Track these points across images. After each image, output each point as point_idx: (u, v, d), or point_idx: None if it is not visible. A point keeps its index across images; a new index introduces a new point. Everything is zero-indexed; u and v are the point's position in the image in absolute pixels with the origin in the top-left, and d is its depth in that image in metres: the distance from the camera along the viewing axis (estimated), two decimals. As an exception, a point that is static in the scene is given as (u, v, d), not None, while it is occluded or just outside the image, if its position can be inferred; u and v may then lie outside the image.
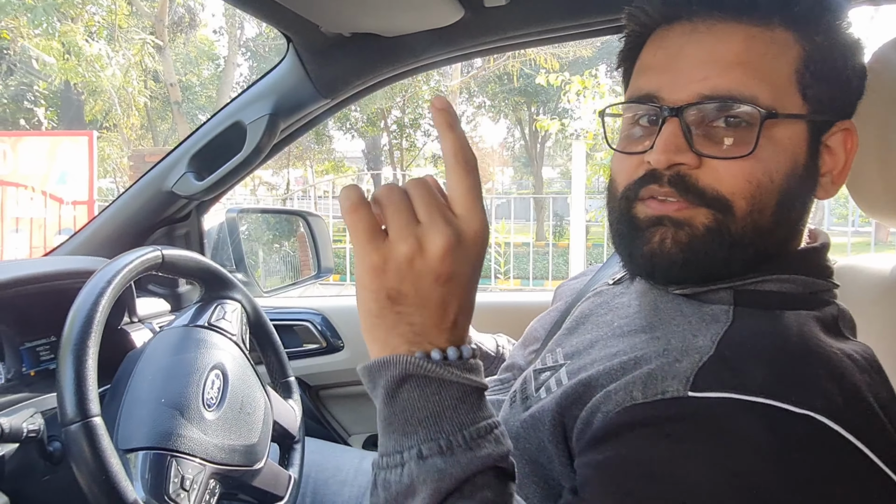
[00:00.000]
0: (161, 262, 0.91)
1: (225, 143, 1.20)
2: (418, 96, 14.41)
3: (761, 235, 0.56)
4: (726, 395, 0.47)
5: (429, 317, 0.46)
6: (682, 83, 0.56)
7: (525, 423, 0.61)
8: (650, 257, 0.58)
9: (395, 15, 0.99)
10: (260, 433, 0.94)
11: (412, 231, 0.45)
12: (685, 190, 0.56)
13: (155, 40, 9.73)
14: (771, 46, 0.55)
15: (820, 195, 0.59)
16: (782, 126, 0.55)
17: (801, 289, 0.58)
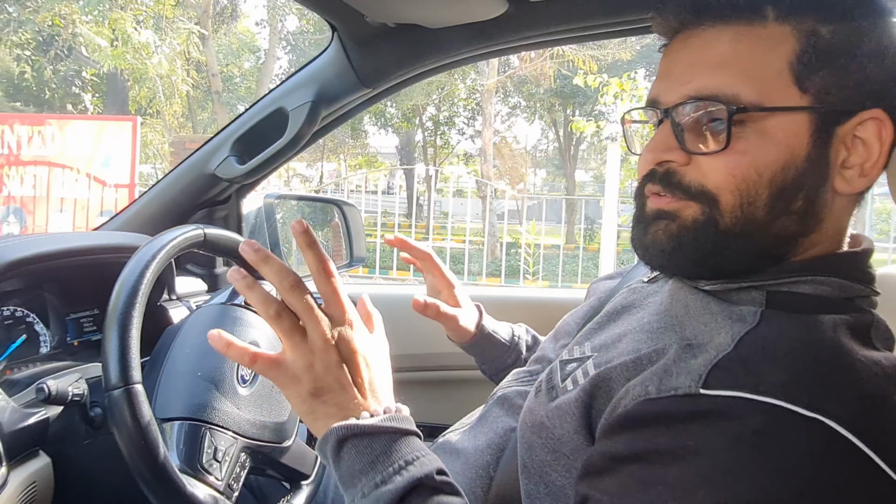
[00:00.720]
0: (203, 240, 0.93)
1: (267, 129, 1.23)
2: (454, 94, 14.43)
3: (757, 227, 0.57)
4: (737, 394, 0.47)
5: (349, 396, 0.58)
6: (674, 87, 0.59)
7: (550, 414, 0.61)
8: (647, 248, 0.62)
9: (441, 6, 1.00)
10: (290, 412, 0.96)
11: (320, 334, 0.56)
12: (671, 186, 0.59)
13: (200, 30, 9.93)
14: (760, 43, 0.56)
15: (840, 187, 0.57)
16: (774, 119, 0.55)
17: (837, 293, 0.57)
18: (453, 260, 7.97)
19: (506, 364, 1.02)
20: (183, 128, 13.87)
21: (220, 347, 0.58)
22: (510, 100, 16.81)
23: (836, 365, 0.48)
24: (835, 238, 0.60)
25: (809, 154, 0.56)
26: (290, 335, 0.57)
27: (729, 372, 0.49)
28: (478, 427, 0.81)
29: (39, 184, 6.53)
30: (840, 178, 0.57)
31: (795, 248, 0.59)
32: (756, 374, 0.48)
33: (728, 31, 0.57)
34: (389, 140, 19.50)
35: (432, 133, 16.46)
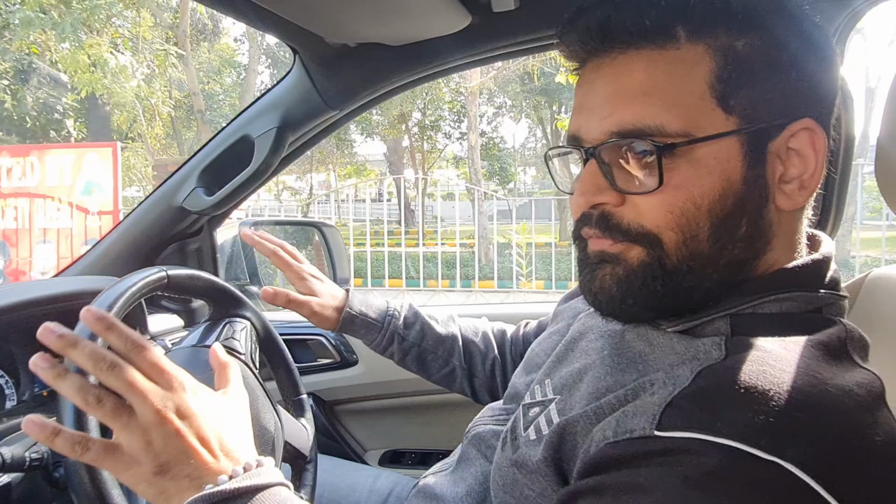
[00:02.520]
0: (166, 283, 0.89)
1: (234, 158, 1.19)
2: (439, 98, 14.41)
3: (705, 261, 0.54)
4: (692, 435, 0.44)
5: (199, 463, 0.53)
6: (594, 122, 0.55)
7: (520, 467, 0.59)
8: (595, 296, 0.58)
9: (401, 23, 0.97)
10: (270, 455, 0.92)
11: (149, 407, 0.52)
12: (609, 229, 0.56)
13: (178, 50, 9.89)
14: (676, 66, 0.52)
15: (783, 204, 0.55)
16: (704, 147, 0.52)
17: (802, 306, 0.55)
18: (446, 265, 7.94)
19: (383, 343, 1.01)
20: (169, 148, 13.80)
21: (43, 438, 0.52)
22: (495, 100, 16.81)
23: (800, 403, 0.44)
24: (793, 250, 0.58)
25: (745, 176, 0.53)
26: (117, 417, 0.52)
27: (683, 411, 0.46)
28: (457, 472, 0.78)
29: (21, 215, 6.48)
30: (781, 194, 0.55)
31: (750, 272, 0.56)
32: (713, 414, 0.45)
33: (640, 56, 0.53)
34: (377, 147, 19.49)
35: (419, 138, 16.45)
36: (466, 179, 12.52)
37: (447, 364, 1.03)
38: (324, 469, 1.10)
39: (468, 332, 1.06)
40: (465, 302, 7.02)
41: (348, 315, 1.00)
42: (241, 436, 0.58)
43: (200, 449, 0.53)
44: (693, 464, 0.43)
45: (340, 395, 1.51)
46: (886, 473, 0.44)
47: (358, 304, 1.02)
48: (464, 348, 1.04)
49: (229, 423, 0.58)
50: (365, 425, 1.55)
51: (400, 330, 1.02)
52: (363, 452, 1.53)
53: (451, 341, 1.03)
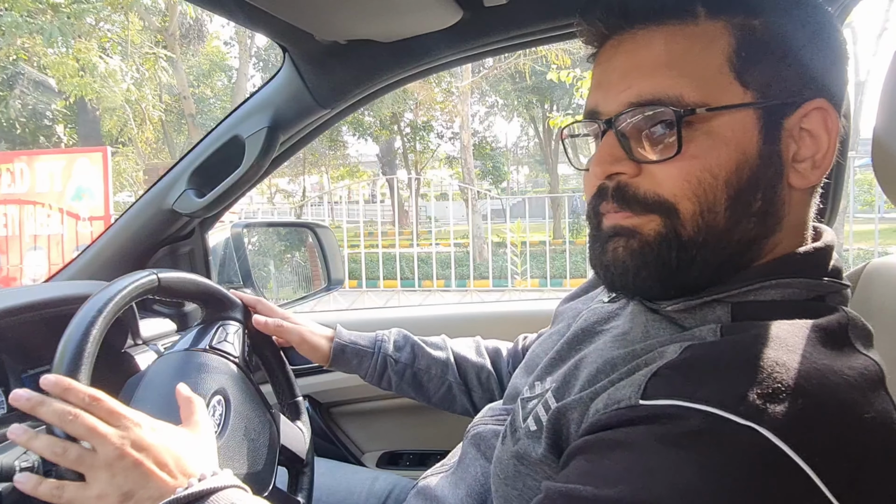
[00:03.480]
0: (157, 286, 0.87)
1: (225, 159, 1.17)
2: (431, 98, 14.40)
3: (719, 234, 0.55)
4: (672, 402, 0.46)
5: (158, 484, 0.59)
6: (612, 95, 0.57)
7: (521, 459, 0.59)
8: (607, 268, 0.59)
9: (391, 20, 0.95)
10: (266, 459, 0.90)
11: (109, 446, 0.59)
12: (626, 201, 0.57)
13: (167, 53, 9.83)
14: (695, 41, 0.54)
15: (796, 182, 0.56)
16: (721, 118, 0.54)
17: (805, 293, 0.55)
18: (441, 265, 7.92)
19: (377, 369, 1.02)
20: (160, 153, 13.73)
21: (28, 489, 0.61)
22: (487, 99, 16.81)
23: (784, 374, 0.45)
24: (799, 234, 0.58)
25: (761, 151, 0.54)
26: (82, 460, 0.59)
27: (667, 380, 0.48)
28: (457, 472, 0.77)
29: (11, 222, 6.43)
30: (794, 172, 0.56)
31: (759, 252, 0.56)
32: (694, 382, 0.46)
33: (660, 32, 0.55)
34: (370, 149, 19.47)
35: (411, 139, 16.42)
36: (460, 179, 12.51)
37: (443, 382, 1.02)
38: (321, 472, 1.09)
39: (460, 349, 1.05)
40: (460, 301, 7.01)
41: (339, 345, 1.01)
42: (198, 456, 0.65)
43: (159, 472, 0.60)
44: (671, 426, 0.45)
45: (337, 397, 1.50)
46: (871, 450, 0.44)
47: (346, 335, 1.03)
48: (457, 365, 1.03)
49: (186, 446, 0.64)
50: (362, 427, 1.53)
51: (391, 353, 1.02)
52: (361, 454, 1.51)
53: (444, 359, 1.03)
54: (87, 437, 0.60)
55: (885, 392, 0.48)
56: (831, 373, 0.46)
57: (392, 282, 7.37)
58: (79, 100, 9.11)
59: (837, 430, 0.43)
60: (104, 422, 0.61)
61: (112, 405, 0.62)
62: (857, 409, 0.45)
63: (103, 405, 0.62)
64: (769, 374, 0.45)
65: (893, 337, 0.76)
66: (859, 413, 0.45)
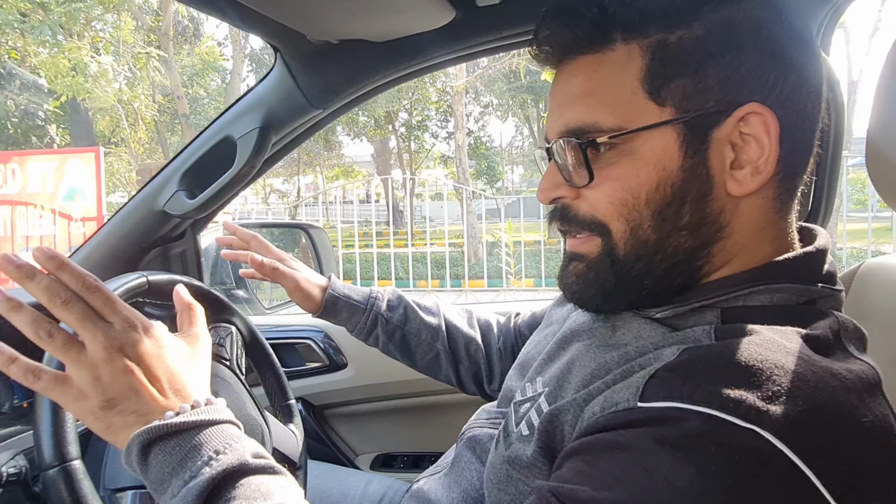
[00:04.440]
0: (147, 289, 0.87)
1: (216, 159, 1.16)
2: (425, 98, 14.38)
3: (652, 249, 0.56)
4: (672, 404, 0.45)
5: (146, 399, 0.54)
6: (551, 123, 0.61)
7: (513, 463, 0.58)
8: (564, 290, 0.63)
9: (383, 19, 0.95)
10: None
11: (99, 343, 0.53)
12: (569, 220, 0.61)
13: (160, 53, 9.78)
14: (609, 67, 0.56)
15: (734, 190, 0.55)
16: (637, 139, 0.55)
17: (794, 298, 0.54)
18: (436, 265, 7.92)
19: (367, 326, 1.01)
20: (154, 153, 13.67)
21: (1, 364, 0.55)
22: (482, 99, 16.81)
23: (783, 377, 0.45)
24: (768, 239, 0.57)
25: (683, 165, 0.55)
26: (67, 351, 0.54)
27: (665, 382, 0.47)
28: (451, 475, 0.77)
29: (3, 223, 6.37)
30: (731, 180, 0.55)
31: (708, 261, 0.57)
32: (693, 384, 0.46)
33: (582, 62, 0.58)
34: (364, 149, 19.46)
35: (406, 138, 16.40)
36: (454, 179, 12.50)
37: (431, 349, 1.02)
38: (314, 475, 1.08)
39: (453, 317, 1.05)
40: (455, 301, 7.01)
41: (331, 297, 0.99)
42: (194, 375, 0.59)
43: (149, 386, 0.55)
44: (670, 428, 0.44)
45: (330, 399, 1.49)
46: (869, 454, 0.43)
47: (341, 287, 1.01)
48: (448, 333, 1.03)
49: (182, 362, 0.59)
50: (355, 429, 1.53)
51: (383, 312, 1.01)
52: (354, 457, 1.51)
53: (436, 325, 1.02)
54: (76, 327, 0.54)
55: (882, 396, 0.48)
56: (829, 376, 0.46)
57: (387, 282, 7.36)
58: (71, 100, 9.05)
59: (837, 434, 0.43)
60: (101, 315, 0.55)
61: (108, 297, 0.56)
62: (856, 412, 0.44)
63: (101, 294, 0.56)
64: (769, 377, 0.44)
65: (889, 337, 0.76)
66: (858, 417, 0.44)
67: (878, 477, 0.43)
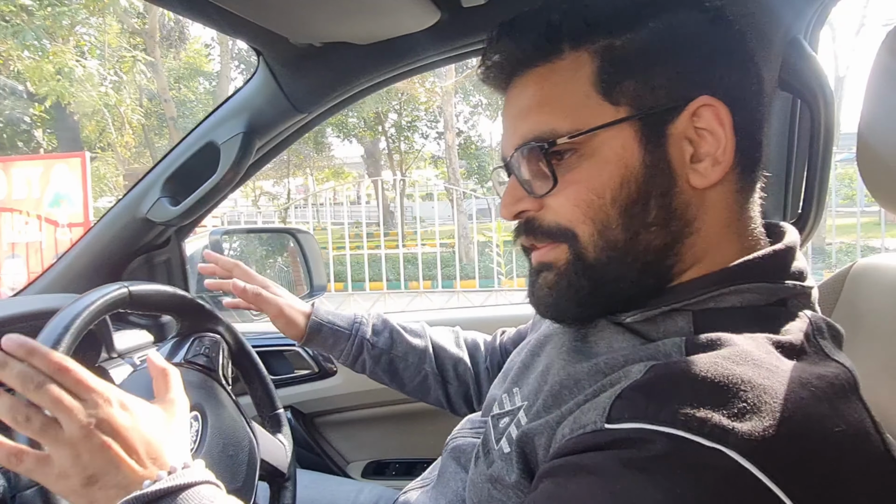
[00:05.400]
0: (128, 300, 0.84)
1: (200, 165, 1.14)
2: (415, 98, 14.37)
3: (623, 250, 0.56)
4: (637, 425, 0.45)
5: (126, 471, 0.55)
6: (507, 140, 0.61)
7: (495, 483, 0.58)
8: (538, 304, 0.62)
9: (367, 21, 0.93)
10: (245, 476, 0.88)
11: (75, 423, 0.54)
12: (535, 232, 0.60)
13: (146, 57, 9.71)
14: (560, 74, 0.57)
15: (697, 182, 0.56)
16: (596, 140, 0.56)
17: (765, 298, 0.54)
18: (427, 265, 7.90)
19: (353, 352, 1.00)
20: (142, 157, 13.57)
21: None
22: (471, 99, 16.80)
23: (749, 392, 0.44)
24: (735, 234, 0.58)
25: (644, 161, 0.55)
26: (45, 433, 0.54)
27: (631, 402, 0.47)
28: (437, 487, 0.76)
29: (-12, 231, 6.30)
30: (693, 173, 0.56)
31: (679, 259, 0.57)
32: (657, 404, 0.45)
33: (532, 75, 0.59)
34: (354, 150, 19.38)
35: (396, 139, 16.38)
36: (445, 179, 12.50)
37: (419, 371, 1.00)
38: (304, 485, 1.06)
39: (439, 339, 1.03)
40: (447, 302, 6.99)
41: (315, 323, 0.98)
42: (170, 442, 0.60)
43: (128, 459, 0.55)
44: (636, 450, 0.44)
45: (320, 407, 1.47)
46: (840, 463, 0.43)
47: (325, 313, 1.00)
48: (435, 355, 1.01)
49: (158, 430, 0.60)
50: (346, 437, 1.51)
51: (368, 337, 0.99)
52: (345, 465, 1.49)
53: (422, 348, 1.01)
54: (51, 409, 0.55)
55: (857, 400, 0.47)
56: (798, 386, 0.45)
57: (378, 283, 7.33)
58: (56, 104, 8.96)
59: (805, 446, 0.42)
60: (71, 394, 0.55)
61: (81, 376, 0.57)
62: (826, 422, 0.44)
63: (72, 375, 0.56)
64: (735, 393, 0.44)
65: (884, 339, 0.75)
66: (829, 427, 0.44)
67: (854, 486, 0.43)
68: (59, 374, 0.56)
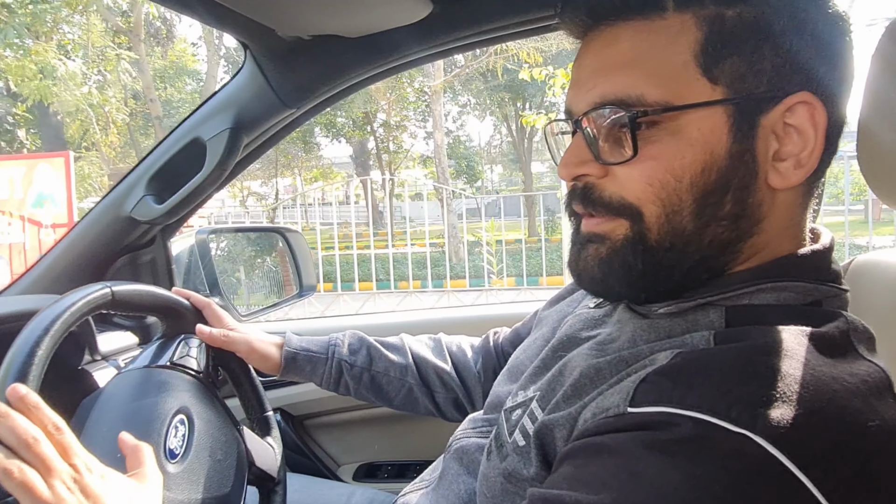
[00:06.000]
0: (111, 301, 0.82)
1: (185, 162, 1.11)
2: (403, 98, 14.34)
3: (687, 239, 0.53)
4: (661, 409, 0.44)
5: None
6: (581, 94, 0.56)
7: (510, 477, 0.56)
8: (580, 276, 0.58)
9: (358, 13, 0.91)
10: (234, 480, 0.85)
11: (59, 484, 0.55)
12: (592, 203, 0.56)
13: (131, 55, 9.60)
14: (660, 36, 0.52)
15: (775, 182, 0.52)
16: (686, 117, 0.51)
17: (802, 297, 0.53)
18: (417, 265, 7.88)
19: (333, 375, 0.97)
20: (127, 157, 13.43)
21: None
22: (459, 98, 16.80)
23: (780, 381, 0.43)
24: (789, 237, 0.55)
25: (731, 150, 0.51)
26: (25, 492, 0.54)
27: (656, 386, 0.46)
28: (439, 489, 0.73)
29: (-31, 232, 6.21)
30: (773, 172, 0.52)
31: (736, 257, 0.54)
32: (684, 388, 0.44)
33: (627, 28, 0.53)
34: (343, 150, 19.32)
35: (385, 139, 16.34)
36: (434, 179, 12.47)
37: (403, 385, 0.98)
38: (294, 489, 1.04)
39: (419, 349, 1.01)
40: (437, 302, 6.97)
41: (289, 353, 0.96)
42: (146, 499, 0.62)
43: None
44: (660, 433, 0.43)
45: (310, 409, 1.45)
46: (873, 458, 0.42)
47: (297, 341, 0.98)
48: (417, 366, 0.99)
49: (132, 500, 0.61)
50: (337, 439, 1.48)
51: (346, 357, 0.97)
52: (336, 468, 1.47)
53: (402, 361, 0.98)
54: (37, 467, 0.55)
55: (892, 398, 0.46)
56: (830, 379, 0.44)
57: (368, 284, 7.29)
58: (39, 103, 8.83)
59: (837, 438, 0.41)
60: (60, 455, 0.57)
61: (70, 441, 0.59)
62: (860, 416, 0.43)
63: (63, 438, 0.58)
64: (764, 381, 0.43)
65: (884, 335, 0.74)
66: (863, 420, 0.42)
67: (888, 479, 0.42)
68: (55, 433, 0.57)
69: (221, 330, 0.94)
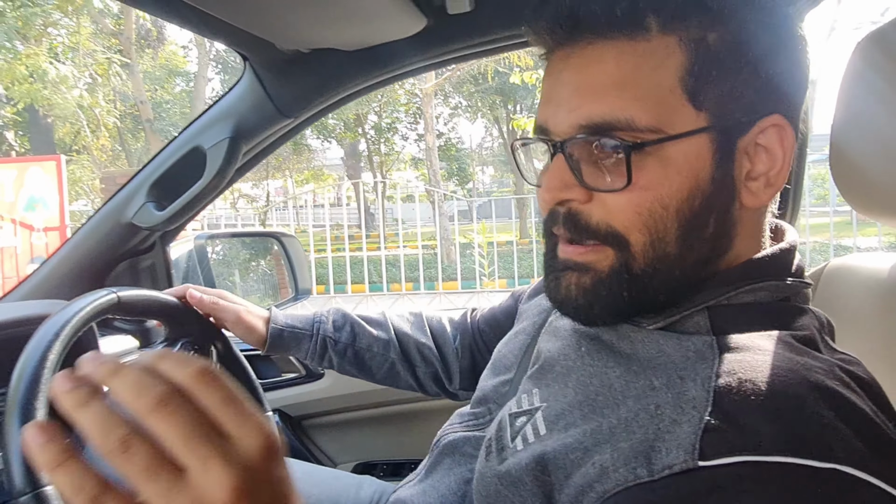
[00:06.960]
0: (117, 305, 0.85)
1: (185, 170, 1.14)
2: (394, 100, 14.35)
3: (672, 263, 0.52)
4: (740, 458, 0.40)
5: None
6: (562, 114, 0.53)
7: (503, 479, 0.55)
8: (562, 305, 0.57)
9: (354, 28, 0.94)
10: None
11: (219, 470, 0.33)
12: (577, 229, 0.54)
13: (121, 58, 9.57)
14: (646, 58, 0.50)
15: (749, 202, 0.53)
16: (675, 145, 0.50)
17: (773, 295, 0.54)
18: (409, 267, 7.90)
19: (318, 351, 1.00)
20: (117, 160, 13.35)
21: None
22: (451, 101, 16.82)
23: (816, 400, 0.42)
24: (757, 242, 0.57)
25: (714, 175, 0.51)
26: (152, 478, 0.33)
27: (721, 435, 0.42)
28: (427, 481, 0.75)
29: (-40, 237, 6.17)
30: (746, 191, 0.53)
31: (714, 270, 0.55)
32: (751, 432, 0.41)
33: (610, 47, 0.51)
34: (334, 152, 19.30)
35: (376, 141, 16.34)
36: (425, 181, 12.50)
37: (385, 360, 1.02)
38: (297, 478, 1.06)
39: (401, 324, 1.05)
40: (430, 304, 6.99)
41: (275, 329, 0.99)
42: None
43: None
44: (753, 494, 0.39)
45: (307, 410, 1.48)
46: None
47: (283, 318, 1.00)
48: (399, 341, 1.03)
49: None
50: (334, 439, 1.51)
51: (330, 333, 1.00)
52: (333, 467, 1.49)
53: (385, 336, 1.02)
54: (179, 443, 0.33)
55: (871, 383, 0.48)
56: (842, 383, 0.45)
57: (360, 286, 7.31)
58: (29, 107, 8.78)
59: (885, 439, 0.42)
60: None
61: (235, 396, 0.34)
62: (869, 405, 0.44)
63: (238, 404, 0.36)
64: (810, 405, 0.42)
65: (858, 337, 0.78)
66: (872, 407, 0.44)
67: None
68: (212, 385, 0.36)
69: (211, 297, 0.97)
